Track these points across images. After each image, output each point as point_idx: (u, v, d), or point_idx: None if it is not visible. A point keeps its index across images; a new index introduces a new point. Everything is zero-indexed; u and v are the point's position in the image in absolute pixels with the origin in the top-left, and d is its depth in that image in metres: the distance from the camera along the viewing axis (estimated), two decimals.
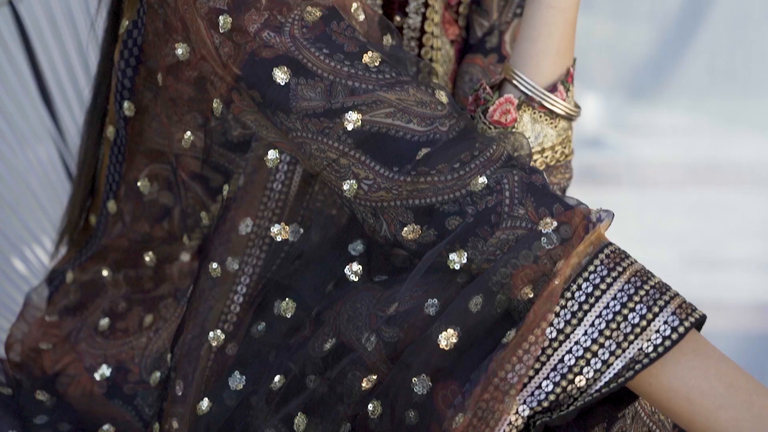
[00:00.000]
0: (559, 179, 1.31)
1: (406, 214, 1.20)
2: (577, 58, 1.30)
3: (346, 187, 1.21)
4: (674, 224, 2.84)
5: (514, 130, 1.26)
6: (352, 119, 1.20)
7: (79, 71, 1.73)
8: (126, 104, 1.35)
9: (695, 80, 2.90)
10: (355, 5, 1.25)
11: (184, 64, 1.27)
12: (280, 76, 1.21)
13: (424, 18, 1.40)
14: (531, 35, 1.27)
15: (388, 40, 1.27)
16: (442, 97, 1.23)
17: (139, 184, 1.37)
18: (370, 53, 1.22)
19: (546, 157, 1.29)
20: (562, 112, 1.28)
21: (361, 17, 1.25)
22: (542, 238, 1.15)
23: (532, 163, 1.26)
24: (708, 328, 1.17)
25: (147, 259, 1.38)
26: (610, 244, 1.16)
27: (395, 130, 1.20)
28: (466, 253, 1.17)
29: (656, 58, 2.98)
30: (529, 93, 1.27)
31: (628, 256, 1.16)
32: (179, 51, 1.27)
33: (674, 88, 2.95)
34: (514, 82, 1.28)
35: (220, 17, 1.22)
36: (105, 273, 1.39)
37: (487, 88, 1.28)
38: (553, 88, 1.28)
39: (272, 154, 1.25)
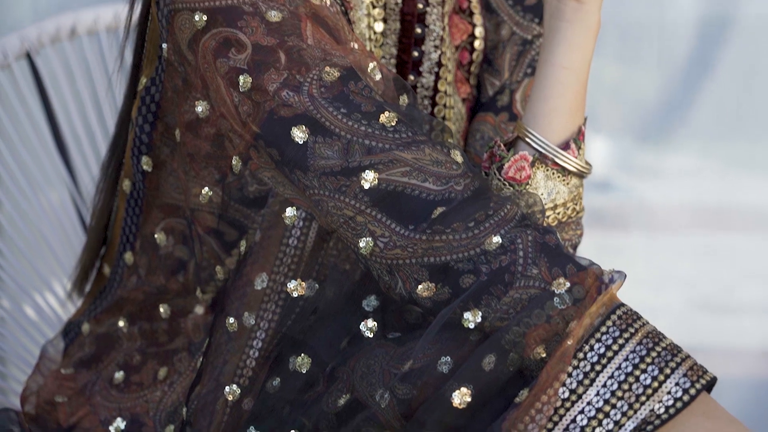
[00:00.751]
0: (570, 236, 1.32)
1: (421, 271, 1.21)
2: (587, 101, 1.31)
3: (362, 244, 1.22)
4: (683, 268, 2.83)
5: (527, 186, 1.27)
6: (369, 178, 1.21)
7: (94, 121, 1.74)
8: (144, 159, 1.36)
9: (704, 124, 2.90)
10: (371, 65, 1.26)
11: (204, 121, 1.28)
12: (299, 134, 1.22)
13: (438, 77, 1.41)
14: (544, 94, 1.29)
15: (404, 99, 1.28)
16: (457, 156, 1.24)
17: (156, 237, 1.38)
18: (386, 113, 1.23)
19: (558, 214, 1.30)
20: (575, 170, 1.29)
21: (378, 77, 1.27)
22: (555, 298, 1.16)
23: (544, 221, 1.27)
24: (717, 374, 1.18)
25: (161, 311, 1.38)
26: (622, 305, 1.17)
27: (411, 189, 1.21)
28: (480, 312, 1.18)
29: (665, 102, 2.98)
30: (542, 150, 1.28)
31: (639, 318, 1.17)
32: (199, 108, 1.28)
33: (683, 132, 2.95)
34: (527, 139, 1.28)
35: (240, 76, 1.23)
36: (121, 324, 1.40)
37: (502, 145, 1.29)
38: (565, 146, 1.29)
39: (290, 211, 1.26)
